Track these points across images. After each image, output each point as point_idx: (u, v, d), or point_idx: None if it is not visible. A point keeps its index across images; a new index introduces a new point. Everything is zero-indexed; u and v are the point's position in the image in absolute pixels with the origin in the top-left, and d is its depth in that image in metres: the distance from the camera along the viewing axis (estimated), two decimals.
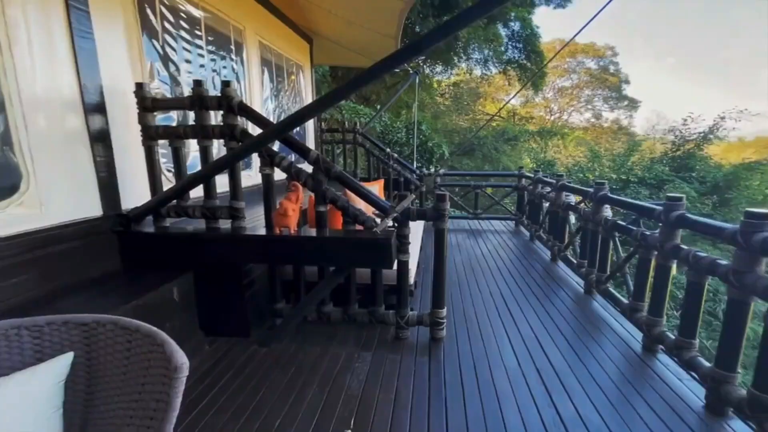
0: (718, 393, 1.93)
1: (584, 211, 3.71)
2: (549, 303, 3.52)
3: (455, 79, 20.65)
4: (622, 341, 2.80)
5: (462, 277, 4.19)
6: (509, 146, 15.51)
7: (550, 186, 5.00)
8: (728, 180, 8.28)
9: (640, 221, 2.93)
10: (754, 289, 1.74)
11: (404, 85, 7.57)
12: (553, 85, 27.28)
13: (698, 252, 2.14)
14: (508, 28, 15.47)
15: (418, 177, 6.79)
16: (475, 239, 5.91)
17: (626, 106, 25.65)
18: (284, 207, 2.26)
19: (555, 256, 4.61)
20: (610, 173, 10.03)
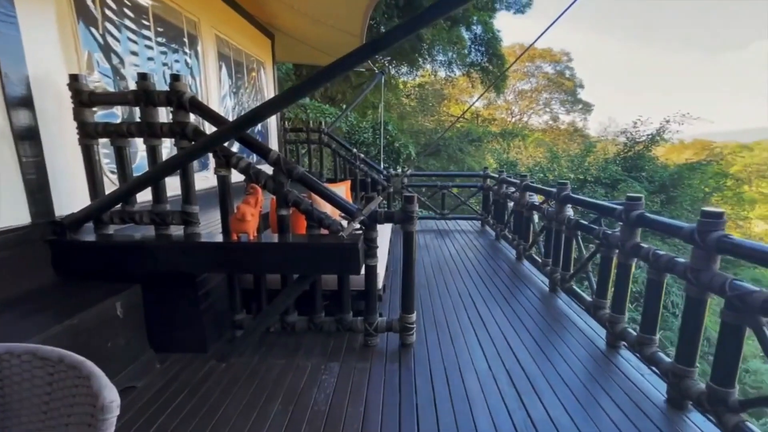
0: (678, 387, 1.99)
1: (548, 210, 3.79)
2: (516, 302, 3.55)
3: (420, 80, 20.88)
4: (586, 338, 2.86)
5: (431, 278, 4.16)
6: (473, 147, 15.85)
7: (514, 186, 5.09)
8: (674, 179, 8.90)
9: (601, 220, 3.00)
10: (711, 286, 1.79)
11: (370, 84, 7.48)
12: (513, 88, 28.25)
13: (657, 250, 2.20)
14: (471, 31, 15.83)
15: (386, 177, 6.73)
16: (443, 239, 5.93)
17: (581, 110, 26.96)
18: (242, 211, 2.10)
19: (520, 255, 4.70)
20: (569, 173, 10.46)
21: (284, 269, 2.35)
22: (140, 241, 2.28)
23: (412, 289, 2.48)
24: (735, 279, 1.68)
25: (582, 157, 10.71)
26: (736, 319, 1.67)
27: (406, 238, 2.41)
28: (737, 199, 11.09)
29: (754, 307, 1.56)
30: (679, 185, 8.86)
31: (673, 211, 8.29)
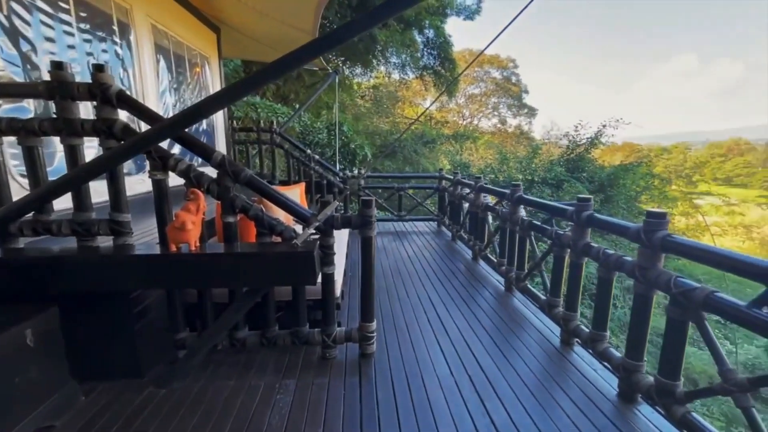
0: (629, 381, 2.07)
1: (502, 211, 3.87)
2: (474, 302, 3.58)
3: (375, 82, 20.92)
4: (542, 336, 2.93)
5: (389, 281, 4.09)
6: (428, 149, 16.12)
7: (469, 187, 5.18)
8: (610, 179, 9.64)
9: (552, 221, 3.09)
10: (657, 283, 1.87)
11: (324, 84, 7.30)
12: (464, 92, 29.21)
13: (606, 250, 2.29)
14: (424, 35, 16.12)
15: (342, 179, 6.58)
16: (401, 241, 5.90)
17: (526, 114, 28.46)
18: (181, 219, 1.88)
19: (476, 256, 4.77)
20: (517, 174, 10.96)
21: (232, 282, 2.15)
22: (58, 255, 1.97)
23: (371, 297, 2.38)
24: (678, 276, 1.77)
25: (529, 159, 11.26)
26: (681, 315, 1.75)
27: (365, 244, 2.31)
28: (662, 198, 12.20)
29: (697, 303, 1.64)
30: (615, 185, 9.61)
31: (611, 209, 8.96)
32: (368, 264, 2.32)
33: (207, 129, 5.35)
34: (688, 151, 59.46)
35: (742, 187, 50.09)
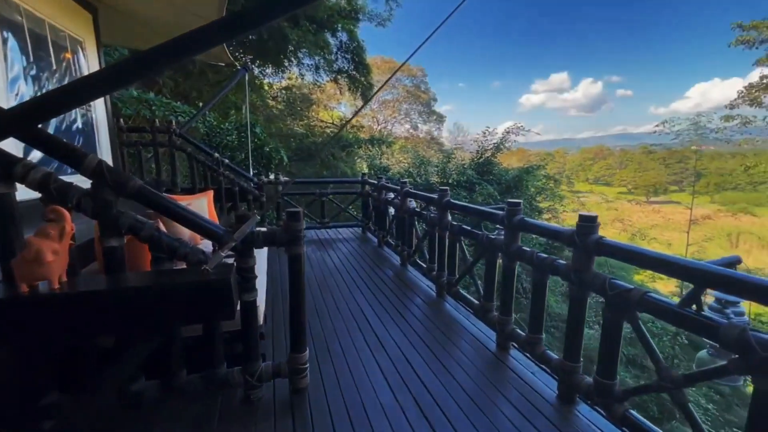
0: (569, 383, 2.10)
1: (430, 216, 3.83)
2: (407, 311, 3.46)
3: (287, 83, 20.10)
4: (478, 342, 2.91)
5: (317, 297, 3.76)
6: (345, 153, 15.95)
7: (394, 192, 5.09)
8: (515, 181, 10.57)
9: (481, 225, 3.12)
10: (592, 285, 1.92)
11: (232, 81, 6.62)
12: (378, 98, 29.77)
13: (540, 253, 2.31)
14: (337, 38, 15.96)
15: (257, 185, 6.01)
16: (325, 250, 5.58)
17: (435, 120, 30.07)
18: (35, 248, 1.37)
19: (405, 261, 4.69)
20: (434, 177, 11.37)
21: (119, 328, 1.65)
22: None
23: (302, 324, 2.06)
24: (612, 278, 1.82)
25: (445, 163, 11.79)
26: (615, 315, 1.80)
27: (293, 264, 2.00)
28: (555, 197, 13.77)
29: (631, 303, 1.69)
30: (519, 186, 10.55)
31: None
32: (298, 287, 2.01)
33: (83, 128, 4.40)
34: (566, 155, 69.16)
35: (607, 186, 60.02)
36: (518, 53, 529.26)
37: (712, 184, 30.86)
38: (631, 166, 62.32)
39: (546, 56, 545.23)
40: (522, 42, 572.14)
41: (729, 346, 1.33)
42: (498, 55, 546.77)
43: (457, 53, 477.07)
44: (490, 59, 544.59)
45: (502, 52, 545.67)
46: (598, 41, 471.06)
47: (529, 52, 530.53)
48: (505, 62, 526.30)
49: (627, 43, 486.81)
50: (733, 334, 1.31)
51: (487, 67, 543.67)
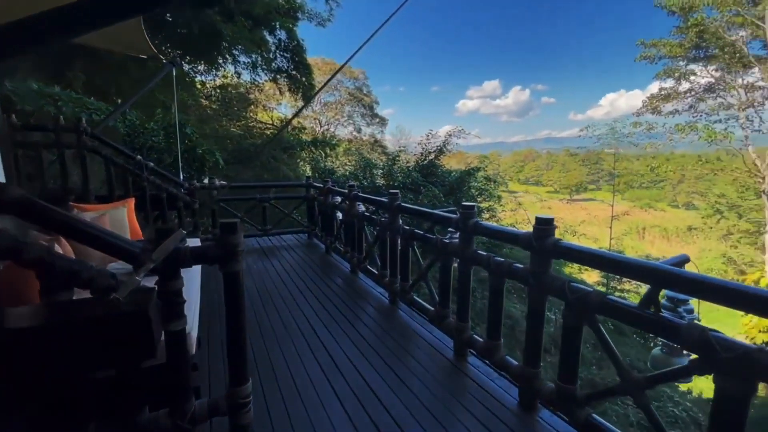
0: (530, 389, 2.05)
1: (381, 220, 3.68)
2: (359, 322, 3.27)
3: (222, 81, 18.92)
4: (434, 350, 2.81)
5: (261, 313, 3.43)
6: (287, 155, 15.34)
7: (341, 196, 4.88)
8: (458, 183, 10.86)
9: (434, 229, 3.03)
10: (551, 289, 1.88)
11: (158, 76, 5.96)
12: (319, 100, 29.30)
13: (496, 257, 2.26)
14: (275, 36, 15.34)
15: (188, 190, 5.44)
16: (268, 260, 5.20)
17: (378, 123, 30.25)
18: None
19: (355, 268, 4.50)
20: (380, 180, 11.32)
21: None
22: None
23: (243, 352, 1.78)
24: (571, 281, 1.79)
25: (390, 165, 11.79)
26: (575, 319, 1.78)
27: (230, 283, 1.71)
28: (493, 198, 14.42)
29: (592, 307, 1.67)
30: (462, 188, 10.86)
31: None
32: (236, 310, 1.73)
33: None
34: (500, 157, 73.80)
35: (536, 186, 65.08)
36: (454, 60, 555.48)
37: (622, 183, 34.76)
38: (556, 168, 68.30)
39: (479, 64, 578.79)
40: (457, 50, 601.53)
41: (690, 347, 1.33)
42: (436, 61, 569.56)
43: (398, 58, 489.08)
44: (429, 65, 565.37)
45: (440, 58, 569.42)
46: (525, 52, 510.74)
47: (464, 60, 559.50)
48: (443, 68, 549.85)
49: (550, 55, 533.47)
50: (694, 335, 1.31)
51: (426, 72, 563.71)
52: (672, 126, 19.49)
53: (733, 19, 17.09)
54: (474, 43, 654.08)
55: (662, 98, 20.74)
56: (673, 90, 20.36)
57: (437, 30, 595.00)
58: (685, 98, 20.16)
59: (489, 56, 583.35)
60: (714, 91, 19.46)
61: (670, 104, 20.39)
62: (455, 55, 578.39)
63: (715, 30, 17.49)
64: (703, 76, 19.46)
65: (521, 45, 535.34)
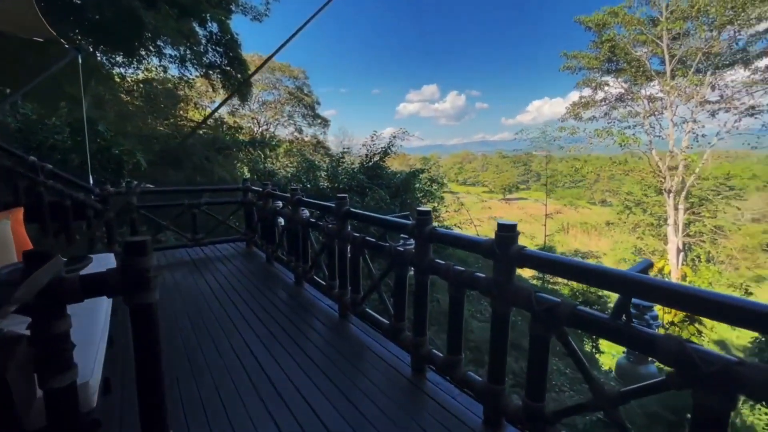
0: (495, 406, 1.92)
1: (328, 227, 3.40)
2: (306, 341, 2.96)
3: (146, 75, 17.14)
4: (389, 366, 2.60)
5: (190, 340, 2.97)
6: (222, 156, 14.29)
7: (283, 200, 4.50)
8: (404, 184, 10.83)
9: (386, 236, 2.83)
10: (516, 300, 1.76)
11: (58, 64, 5.09)
12: (258, 98, 28.01)
13: (456, 266, 2.11)
14: (206, 28, 14.26)
15: (100, 197, 4.68)
16: (200, 273, 4.64)
17: (320, 124, 29.60)
18: None
19: (300, 279, 4.15)
20: (324, 182, 10.93)
21: None
22: None
23: (160, 405, 1.42)
24: (538, 292, 1.68)
25: (334, 167, 11.44)
26: (543, 331, 1.67)
27: (139, 319, 1.35)
28: (437, 198, 14.70)
29: (562, 319, 1.57)
30: (407, 190, 10.85)
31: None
32: (149, 354, 1.37)
33: None
34: (440, 159, 76.62)
35: (473, 186, 68.53)
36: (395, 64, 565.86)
37: (549, 183, 37.85)
38: (490, 169, 72.54)
39: (418, 69, 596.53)
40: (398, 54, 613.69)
41: (667, 360, 1.25)
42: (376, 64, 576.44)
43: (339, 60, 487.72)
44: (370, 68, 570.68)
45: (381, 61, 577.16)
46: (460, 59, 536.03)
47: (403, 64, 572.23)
48: (384, 71, 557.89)
49: (483, 63, 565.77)
50: (671, 348, 1.23)
51: (367, 74, 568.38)
52: (591, 131, 21.45)
53: (638, 37, 19.23)
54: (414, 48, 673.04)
55: (582, 105, 22.74)
56: (590, 98, 22.41)
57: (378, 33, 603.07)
58: (600, 106, 22.31)
59: (428, 62, 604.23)
60: (624, 100, 21.76)
61: (589, 111, 22.41)
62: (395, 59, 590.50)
63: (623, 46, 19.55)
64: (615, 86, 21.69)
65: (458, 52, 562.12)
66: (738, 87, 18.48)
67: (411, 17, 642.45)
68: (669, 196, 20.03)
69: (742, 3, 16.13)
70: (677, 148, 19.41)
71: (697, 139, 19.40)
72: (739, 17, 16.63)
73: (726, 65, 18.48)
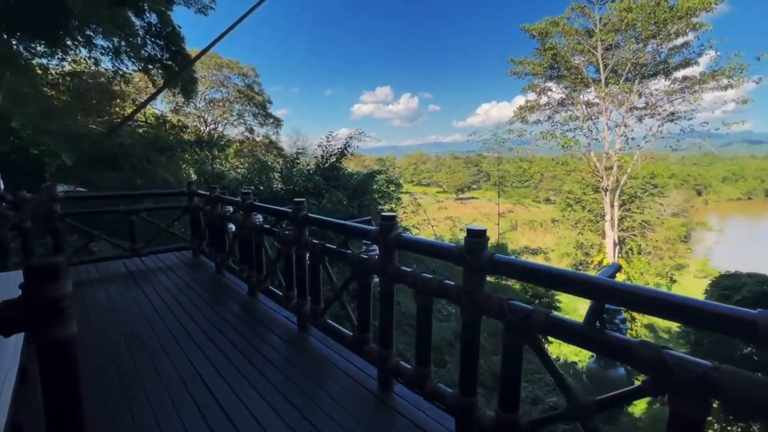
0: (467, 419, 1.85)
1: (284, 234, 3.18)
2: (262, 359, 2.73)
3: (75, 68, 15.48)
4: (354, 381, 2.45)
5: (128, 368, 2.62)
6: (165, 157, 13.26)
7: (234, 205, 4.18)
8: (361, 186, 10.66)
9: (347, 242, 2.68)
10: (487, 308, 1.69)
11: None
12: (204, 96, 26.56)
13: (424, 274, 2.01)
14: (143, 18, 13.17)
15: (12, 203, 4.06)
16: (140, 287, 4.18)
17: (272, 124, 28.61)
18: None
19: (254, 290, 3.86)
20: (279, 184, 10.47)
21: None
22: None
23: None
24: (510, 300, 1.63)
25: (289, 168, 11.01)
26: (516, 340, 1.62)
27: (49, 361, 1.09)
28: (393, 199, 14.71)
29: (535, 327, 1.52)
30: (365, 191, 10.69)
31: (367, 216, 9.89)
32: (66, 401, 1.11)
33: None
34: (395, 160, 77.55)
35: (428, 186, 70.10)
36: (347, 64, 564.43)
37: (499, 183, 39.70)
38: (444, 170, 74.63)
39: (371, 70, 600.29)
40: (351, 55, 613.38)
41: (644, 368, 1.23)
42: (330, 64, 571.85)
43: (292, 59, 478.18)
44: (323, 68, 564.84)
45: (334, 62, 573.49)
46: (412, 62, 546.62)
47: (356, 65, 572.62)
48: (337, 72, 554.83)
49: (434, 66, 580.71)
50: (648, 355, 1.21)
51: (320, 74, 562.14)
52: (537, 133, 22.69)
53: (576, 46, 20.62)
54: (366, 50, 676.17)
55: (528, 109, 23.96)
56: (536, 102, 23.68)
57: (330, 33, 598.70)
58: (545, 110, 23.64)
59: (380, 63, 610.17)
60: (565, 105, 23.22)
61: (534, 114, 23.68)
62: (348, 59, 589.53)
63: (564, 54, 20.86)
64: (557, 92, 23.09)
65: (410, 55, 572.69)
66: (660, 95, 20.45)
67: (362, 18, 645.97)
68: (605, 194, 21.67)
69: (663, 19, 17.85)
70: (612, 150, 21.06)
71: (628, 142, 21.24)
72: (661, 32, 18.39)
73: (650, 75, 20.35)
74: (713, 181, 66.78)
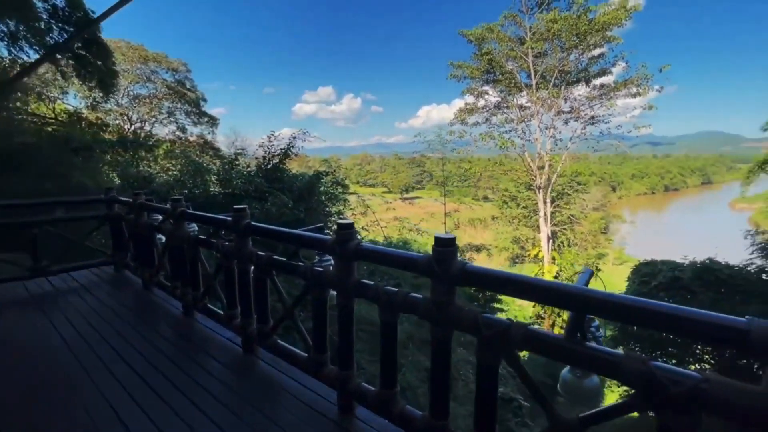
0: None
1: (224, 245, 2.82)
2: (201, 391, 2.37)
3: None
4: (309, 408, 2.20)
5: (23, 420, 2.11)
6: (81, 158, 11.70)
7: (162, 214, 3.68)
8: (308, 188, 10.22)
9: (299, 253, 2.42)
10: (459, 322, 1.56)
11: None
12: (127, 91, 24.13)
13: (388, 288, 1.83)
14: (47, 1, 11.55)
15: None
16: (46, 315, 3.51)
17: (207, 122, 26.75)
18: None
19: (190, 308, 3.41)
20: (216, 187, 9.69)
21: None
22: None
23: None
24: (485, 314, 1.50)
25: (227, 169, 10.24)
26: (492, 357, 1.50)
27: None
28: (340, 201, 14.42)
29: (513, 342, 1.41)
30: (312, 194, 10.27)
31: (315, 219, 9.50)
32: None
33: None
34: (340, 161, 77.03)
35: (373, 187, 70.51)
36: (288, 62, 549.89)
37: (443, 183, 41.11)
38: (388, 170, 75.56)
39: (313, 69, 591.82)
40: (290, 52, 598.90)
41: (631, 382, 1.16)
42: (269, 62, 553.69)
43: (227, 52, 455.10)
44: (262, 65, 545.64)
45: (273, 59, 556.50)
46: (354, 63, 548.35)
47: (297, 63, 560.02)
48: (277, 70, 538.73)
49: (376, 68, 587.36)
50: (635, 369, 1.14)
51: (259, 71, 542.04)
52: (477, 134, 23.69)
53: (510, 52, 21.85)
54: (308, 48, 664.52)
55: (467, 111, 24.91)
56: (474, 105, 24.70)
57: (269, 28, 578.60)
58: (482, 113, 24.75)
59: (322, 63, 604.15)
60: (501, 108, 24.50)
61: (473, 117, 24.68)
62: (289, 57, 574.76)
63: (499, 60, 21.99)
64: (493, 95, 24.28)
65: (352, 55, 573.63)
66: (582, 100, 22.40)
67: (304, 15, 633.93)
68: (538, 192, 23.23)
69: (583, 30, 19.54)
70: (543, 151, 22.62)
71: (557, 143, 22.99)
72: (582, 43, 20.12)
73: (574, 81, 22.19)
74: (624, 178, 75.31)
